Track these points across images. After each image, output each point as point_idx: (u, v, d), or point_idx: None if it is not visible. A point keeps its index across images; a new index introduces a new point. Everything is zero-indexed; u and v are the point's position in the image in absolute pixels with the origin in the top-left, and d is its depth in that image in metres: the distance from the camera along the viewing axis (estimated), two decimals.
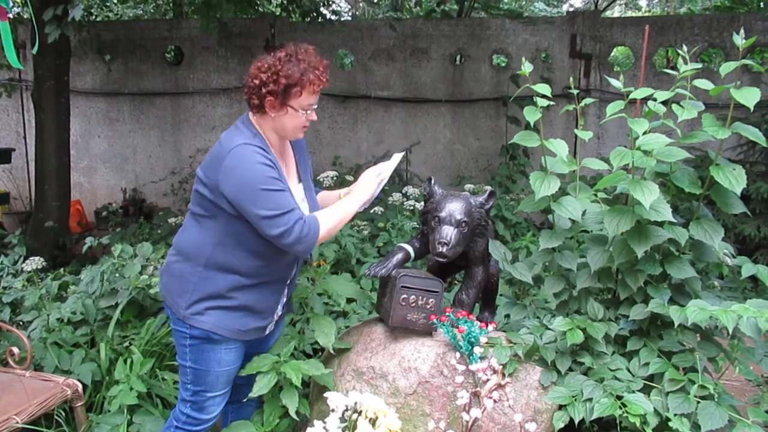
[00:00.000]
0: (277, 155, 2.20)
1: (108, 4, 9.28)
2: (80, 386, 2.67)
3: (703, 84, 2.14)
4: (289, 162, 2.31)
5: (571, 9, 13.23)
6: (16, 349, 2.75)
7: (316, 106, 2.19)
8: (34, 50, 2.74)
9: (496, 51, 7.30)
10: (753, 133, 2.10)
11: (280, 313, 2.36)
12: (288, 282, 2.32)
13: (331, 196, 2.52)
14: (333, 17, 9.44)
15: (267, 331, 2.34)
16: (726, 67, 2.07)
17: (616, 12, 14.07)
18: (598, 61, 6.89)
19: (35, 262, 3.55)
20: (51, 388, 2.59)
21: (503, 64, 7.45)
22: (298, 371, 2.25)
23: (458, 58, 7.45)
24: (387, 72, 7.39)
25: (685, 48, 2.20)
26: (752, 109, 2.00)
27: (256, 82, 2.09)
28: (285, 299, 2.36)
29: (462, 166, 7.41)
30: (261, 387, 2.24)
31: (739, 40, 2.06)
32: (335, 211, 2.21)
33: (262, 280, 2.20)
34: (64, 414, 2.68)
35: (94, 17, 7.49)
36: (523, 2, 12.97)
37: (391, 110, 7.42)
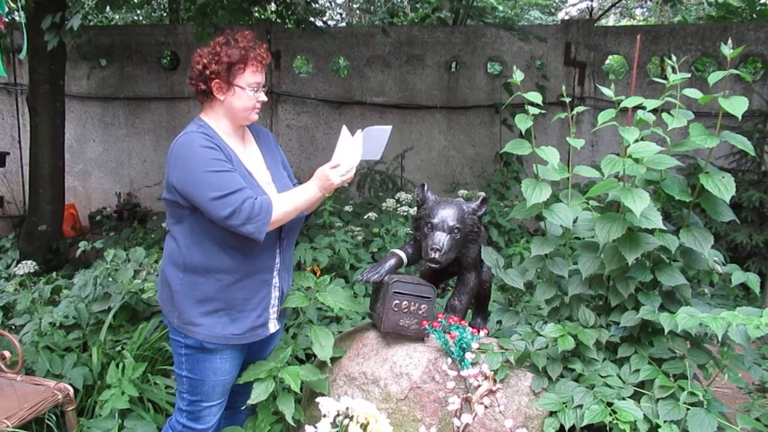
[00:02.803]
0: (233, 142, 2.20)
1: (106, 14, 9.30)
2: (72, 390, 2.67)
3: (692, 93, 2.16)
4: (251, 151, 2.30)
5: (566, 17, 13.31)
6: (7, 353, 2.74)
7: (265, 88, 2.21)
8: (22, 55, 2.73)
9: (491, 58, 7.33)
10: (741, 142, 2.12)
11: (276, 306, 2.31)
12: (275, 272, 2.27)
13: None
14: (330, 23, 9.47)
15: (272, 329, 2.30)
16: (714, 77, 2.09)
17: (610, 21, 14.16)
18: (592, 69, 6.93)
19: (28, 266, 3.54)
20: (42, 392, 2.58)
21: (497, 72, 7.48)
22: (297, 377, 2.24)
23: (453, 65, 7.48)
24: (382, 78, 7.41)
25: (674, 58, 2.22)
26: (740, 118, 2.01)
27: (199, 67, 2.12)
28: (279, 293, 2.30)
29: (457, 172, 7.43)
30: (259, 394, 2.22)
31: (727, 50, 2.08)
32: (293, 195, 2.18)
33: (244, 273, 2.17)
34: (55, 418, 2.67)
35: (88, 22, 7.48)
36: (519, 10, 13.03)
37: (386, 116, 7.43)
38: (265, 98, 2.21)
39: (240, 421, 2.47)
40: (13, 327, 3.43)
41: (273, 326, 2.32)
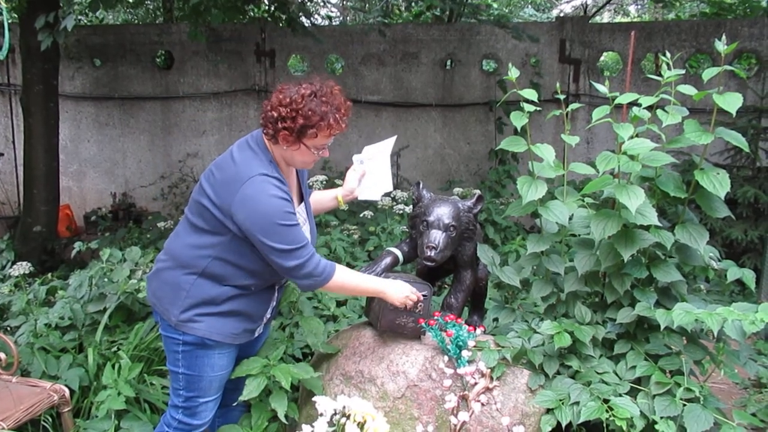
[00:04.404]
0: (286, 178, 2.17)
1: (98, 14, 9.26)
2: (67, 392, 2.65)
3: (687, 89, 2.16)
4: (292, 182, 2.28)
5: (560, 14, 13.32)
6: (2, 355, 2.73)
7: (329, 144, 2.15)
8: (2, 55, 2.68)
9: (486, 56, 7.33)
10: (735, 138, 2.12)
11: (269, 316, 2.36)
12: (276, 288, 2.33)
13: (325, 196, 2.55)
14: (324, 22, 9.44)
15: (256, 334, 2.35)
16: (708, 73, 2.09)
17: (605, 17, 14.17)
18: (587, 66, 6.93)
19: (23, 267, 3.52)
20: (38, 394, 2.57)
21: (492, 70, 7.47)
22: (288, 374, 2.26)
23: (448, 62, 7.48)
24: (377, 76, 7.40)
25: (668, 54, 2.22)
26: (734, 114, 2.02)
27: (274, 114, 2.04)
28: (275, 303, 2.36)
29: (452, 170, 7.43)
30: (251, 390, 2.24)
31: (721, 46, 2.09)
32: (356, 276, 2.24)
33: (254, 290, 2.21)
34: (51, 420, 2.66)
35: (79, 21, 7.44)
36: (513, 7, 13.03)
37: (381, 114, 7.43)
38: (327, 154, 2.16)
39: (233, 418, 2.48)
40: (9, 328, 3.41)
41: (258, 331, 2.36)
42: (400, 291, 2.29)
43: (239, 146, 2.15)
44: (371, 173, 2.52)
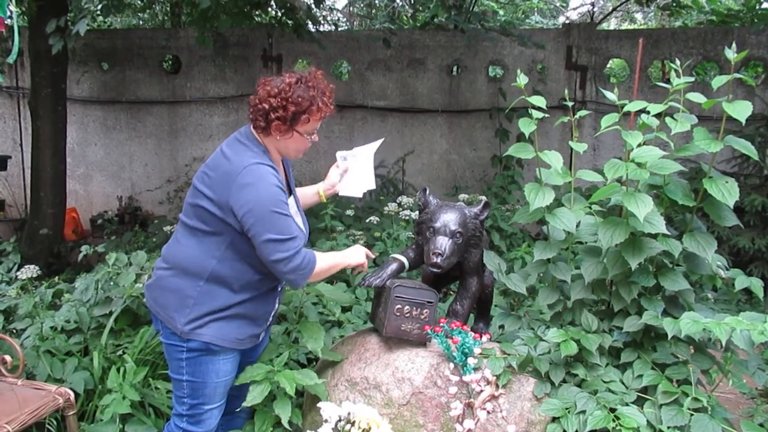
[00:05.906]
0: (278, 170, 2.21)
1: (108, 19, 9.30)
2: (72, 395, 2.66)
3: (696, 97, 2.16)
4: (281, 175, 2.31)
5: (567, 21, 13.31)
6: (8, 357, 2.74)
7: (317, 128, 2.22)
8: (11, 59, 2.70)
9: (493, 62, 7.33)
10: (744, 146, 2.11)
11: (270, 320, 2.37)
12: (279, 288, 2.34)
13: (307, 191, 2.59)
14: (330, 28, 9.46)
15: (260, 339, 2.35)
16: (718, 81, 2.09)
17: (612, 24, 14.16)
18: (593, 72, 6.93)
19: (30, 270, 3.53)
20: (43, 397, 2.57)
21: (499, 76, 7.47)
22: (292, 381, 2.25)
23: (455, 68, 7.48)
24: (384, 82, 7.41)
25: (678, 62, 2.22)
26: (744, 122, 2.01)
27: (265, 106, 2.08)
28: (277, 305, 2.37)
29: (458, 176, 7.43)
30: (254, 396, 2.23)
31: (731, 54, 2.08)
32: (328, 257, 2.29)
33: (262, 291, 2.22)
34: (55, 423, 2.67)
35: (88, 26, 7.48)
36: (521, 14, 13.03)
37: (387, 120, 7.43)
38: (317, 139, 2.22)
39: (237, 425, 2.47)
40: (15, 331, 3.42)
41: (262, 335, 2.37)
42: (358, 254, 2.40)
43: (228, 144, 2.18)
44: (353, 171, 2.60)
